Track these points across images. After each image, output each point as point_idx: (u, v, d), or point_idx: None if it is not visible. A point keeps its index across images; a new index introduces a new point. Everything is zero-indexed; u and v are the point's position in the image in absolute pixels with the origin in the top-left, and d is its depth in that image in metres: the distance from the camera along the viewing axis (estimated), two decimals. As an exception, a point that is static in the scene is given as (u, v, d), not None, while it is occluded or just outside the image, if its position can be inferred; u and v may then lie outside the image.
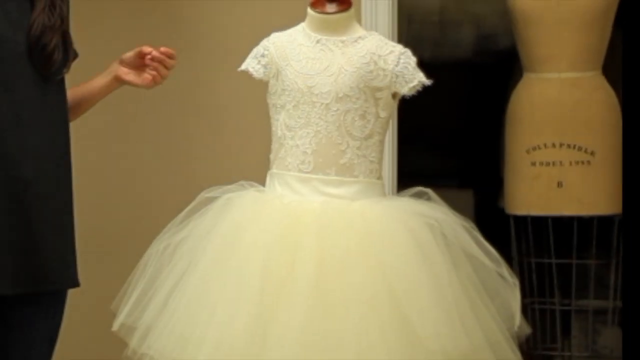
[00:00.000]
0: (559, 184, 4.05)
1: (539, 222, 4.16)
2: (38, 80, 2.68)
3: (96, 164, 3.93)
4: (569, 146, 4.03)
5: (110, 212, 3.96)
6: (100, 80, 2.96)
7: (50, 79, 2.71)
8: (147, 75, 2.94)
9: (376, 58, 2.90)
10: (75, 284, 2.79)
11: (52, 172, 2.70)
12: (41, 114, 2.68)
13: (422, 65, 2.94)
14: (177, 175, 3.91)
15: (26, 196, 2.64)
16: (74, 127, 2.92)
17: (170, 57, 2.94)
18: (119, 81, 2.95)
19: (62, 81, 2.78)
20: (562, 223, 4.14)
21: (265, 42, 3.00)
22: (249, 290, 2.67)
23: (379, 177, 2.94)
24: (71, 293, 2.82)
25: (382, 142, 2.94)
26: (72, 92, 2.87)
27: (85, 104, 2.95)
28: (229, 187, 2.92)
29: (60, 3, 2.74)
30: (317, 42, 2.93)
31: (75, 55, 2.85)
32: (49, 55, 2.68)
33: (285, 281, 2.68)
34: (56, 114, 2.73)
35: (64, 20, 2.75)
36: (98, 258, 3.71)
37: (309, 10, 2.97)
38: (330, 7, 2.95)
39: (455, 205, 2.90)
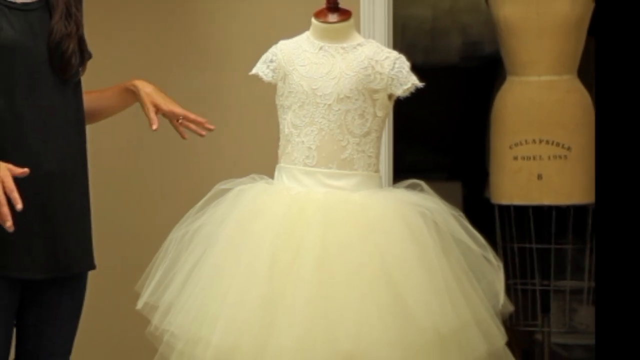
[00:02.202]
0: (539, 177, 4.05)
1: (521, 211, 4.15)
2: (57, 83, 2.67)
3: (123, 161, 3.93)
4: (547, 142, 4.02)
5: (135, 203, 3.96)
6: (118, 100, 2.95)
7: (68, 81, 2.70)
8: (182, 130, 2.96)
9: (373, 63, 2.90)
10: (92, 267, 2.81)
11: (70, 168, 2.70)
12: (60, 115, 2.68)
13: (415, 69, 2.94)
14: (194, 169, 3.92)
15: (49, 191, 2.65)
16: (102, 122, 2.93)
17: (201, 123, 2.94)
18: (135, 98, 2.93)
19: (79, 83, 2.77)
20: (542, 211, 4.14)
21: (273, 49, 3.00)
22: (259, 272, 2.68)
23: (377, 171, 2.94)
24: (101, 276, 2.83)
25: (379, 138, 2.94)
26: (90, 102, 2.86)
27: (100, 116, 2.95)
28: (241, 179, 2.92)
29: (75, 11, 2.73)
30: (320, 48, 2.94)
31: (89, 56, 2.84)
32: (67, 61, 2.68)
33: (292, 264, 2.68)
34: (73, 114, 2.74)
35: (79, 26, 2.74)
36: (124, 244, 3.72)
37: (313, 20, 2.97)
38: (332, 17, 2.96)
39: (445, 196, 2.90)
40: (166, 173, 3.96)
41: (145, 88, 2.91)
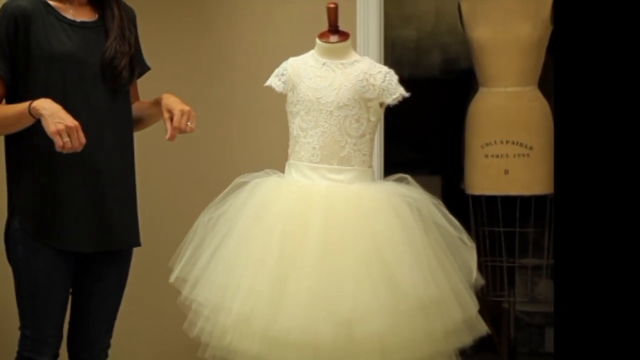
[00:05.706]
0: (506, 172, 4.04)
1: (491, 200, 4.14)
2: (108, 92, 2.68)
3: (160, 160, 3.93)
4: (513, 143, 4.02)
5: (170, 193, 3.96)
6: (154, 110, 2.79)
7: (118, 91, 2.71)
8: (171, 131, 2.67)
9: (368, 76, 2.90)
10: (137, 244, 2.81)
11: (117, 161, 2.71)
12: (110, 117, 2.69)
13: (403, 81, 2.94)
14: (217, 166, 3.92)
15: (99, 180, 2.66)
16: (145, 132, 2.92)
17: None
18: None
19: (128, 92, 2.78)
20: (508, 201, 4.13)
21: (284, 65, 3.00)
22: (272, 251, 2.69)
23: (370, 166, 2.94)
24: (139, 253, 2.83)
25: (372, 139, 2.94)
26: (135, 111, 2.82)
27: (142, 124, 2.88)
28: (257, 174, 2.93)
29: (128, 33, 2.74)
30: (323, 64, 2.94)
31: (146, 69, 2.85)
32: (119, 74, 2.68)
33: (300, 245, 2.69)
34: (122, 117, 2.74)
35: (132, 46, 2.74)
36: (159, 227, 3.72)
37: (317, 41, 2.98)
38: (333, 38, 2.96)
39: (427, 188, 2.91)
40: (195, 169, 3.97)
41: (166, 99, 2.74)
